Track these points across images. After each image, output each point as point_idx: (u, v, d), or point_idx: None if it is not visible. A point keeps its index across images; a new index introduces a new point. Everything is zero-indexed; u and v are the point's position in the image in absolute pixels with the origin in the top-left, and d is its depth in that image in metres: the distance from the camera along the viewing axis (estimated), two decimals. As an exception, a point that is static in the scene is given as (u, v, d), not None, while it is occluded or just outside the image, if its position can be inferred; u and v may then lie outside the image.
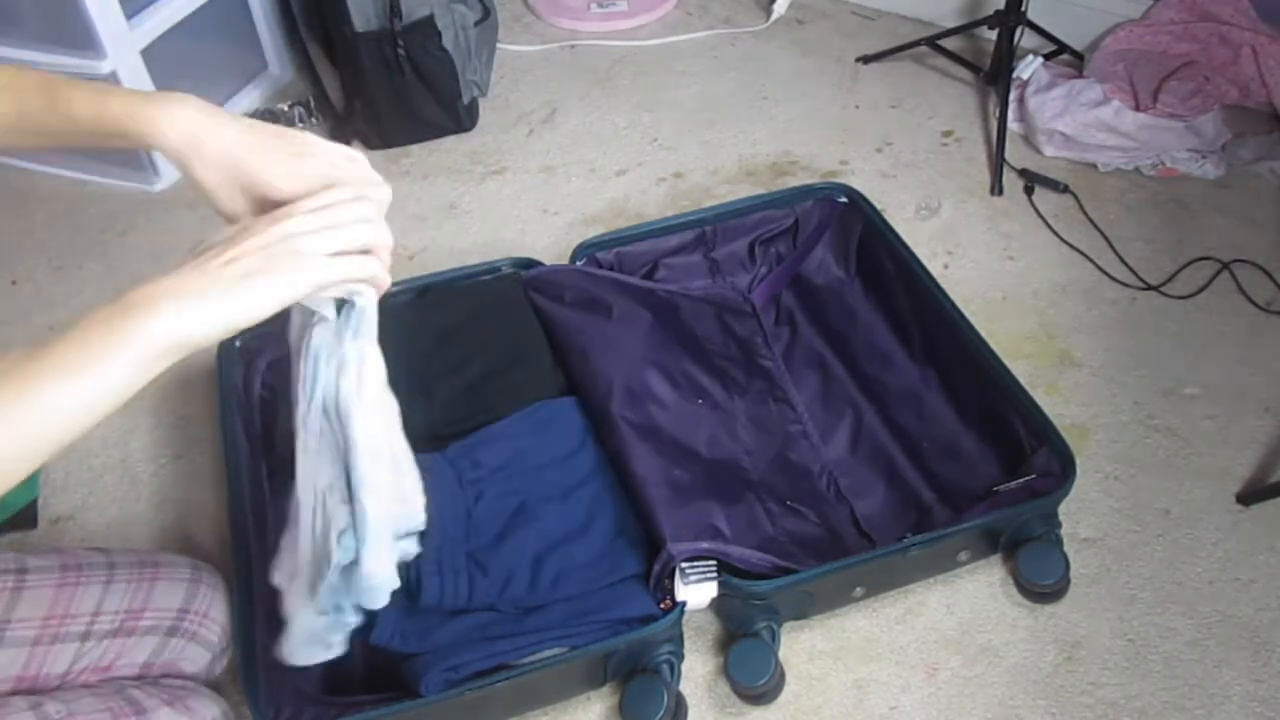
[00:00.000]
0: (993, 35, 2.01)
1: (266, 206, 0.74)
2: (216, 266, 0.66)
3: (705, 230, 1.60)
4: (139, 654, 1.02)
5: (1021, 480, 1.27)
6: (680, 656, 1.18)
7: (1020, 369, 1.48)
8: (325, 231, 0.70)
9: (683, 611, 1.15)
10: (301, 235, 0.69)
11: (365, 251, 0.74)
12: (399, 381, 1.34)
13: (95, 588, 1.00)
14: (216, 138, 0.73)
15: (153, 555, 1.08)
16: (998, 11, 1.94)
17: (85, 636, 0.98)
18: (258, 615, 1.11)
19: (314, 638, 0.83)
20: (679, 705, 1.16)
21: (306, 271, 0.68)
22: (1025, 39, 1.96)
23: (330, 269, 0.70)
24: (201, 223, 1.86)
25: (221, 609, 1.09)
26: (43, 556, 1.00)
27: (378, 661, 1.15)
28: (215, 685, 1.09)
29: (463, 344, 1.39)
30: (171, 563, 1.08)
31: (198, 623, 1.06)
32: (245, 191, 0.75)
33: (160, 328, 0.63)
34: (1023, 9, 1.92)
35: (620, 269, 1.56)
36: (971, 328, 1.40)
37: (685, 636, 1.21)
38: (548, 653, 1.09)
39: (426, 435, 1.31)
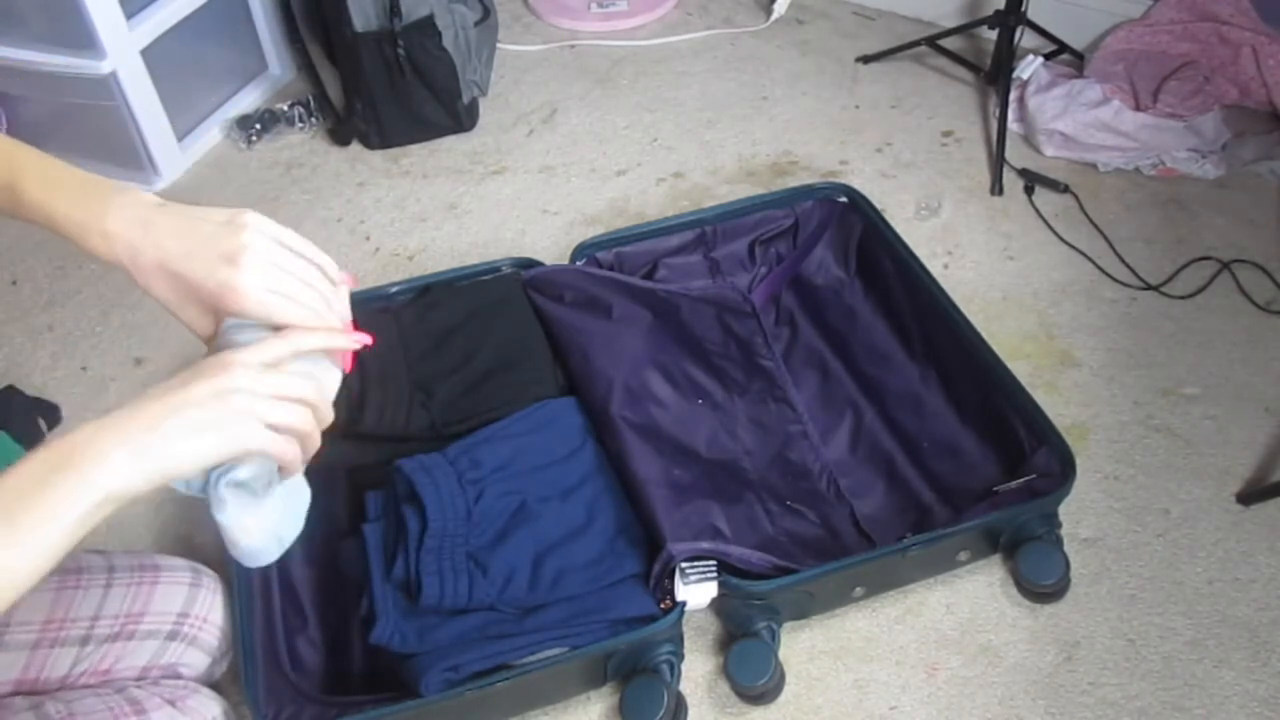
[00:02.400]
0: (993, 35, 2.01)
1: (221, 314, 0.73)
2: (166, 415, 0.64)
3: (705, 230, 1.60)
4: (138, 658, 1.01)
5: (1021, 480, 1.27)
6: (680, 656, 1.18)
7: (1020, 369, 1.48)
8: (273, 401, 0.67)
9: (682, 611, 1.15)
10: (249, 394, 0.66)
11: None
12: (400, 380, 1.35)
13: (95, 591, 1.00)
14: (150, 251, 0.71)
15: (152, 559, 1.07)
16: (998, 11, 1.94)
17: (85, 641, 0.98)
18: (258, 616, 1.11)
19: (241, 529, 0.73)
20: (679, 705, 1.16)
21: (244, 436, 0.66)
22: (1025, 39, 1.96)
23: (265, 441, 0.67)
24: (201, 223, 1.86)
25: (221, 613, 1.08)
26: None
27: (377, 661, 1.15)
28: (215, 686, 1.09)
29: (463, 344, 1.39)
30: (171, 566, 1.07)
31: (198, 627, 1.06)
32: (193, 299, 0.73)
33: (110, 482, 0.61)
34: (1023, 9, 1.92)
35: (620, 269, 1.56)
36: (971, 328, 1.40)
37: (685, 636, 1.21)
38: (547, 653, 1.09)
39: (427, 434, 1.31)
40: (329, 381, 0.76)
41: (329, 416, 0.73)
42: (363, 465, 1.29)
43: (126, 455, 0.62)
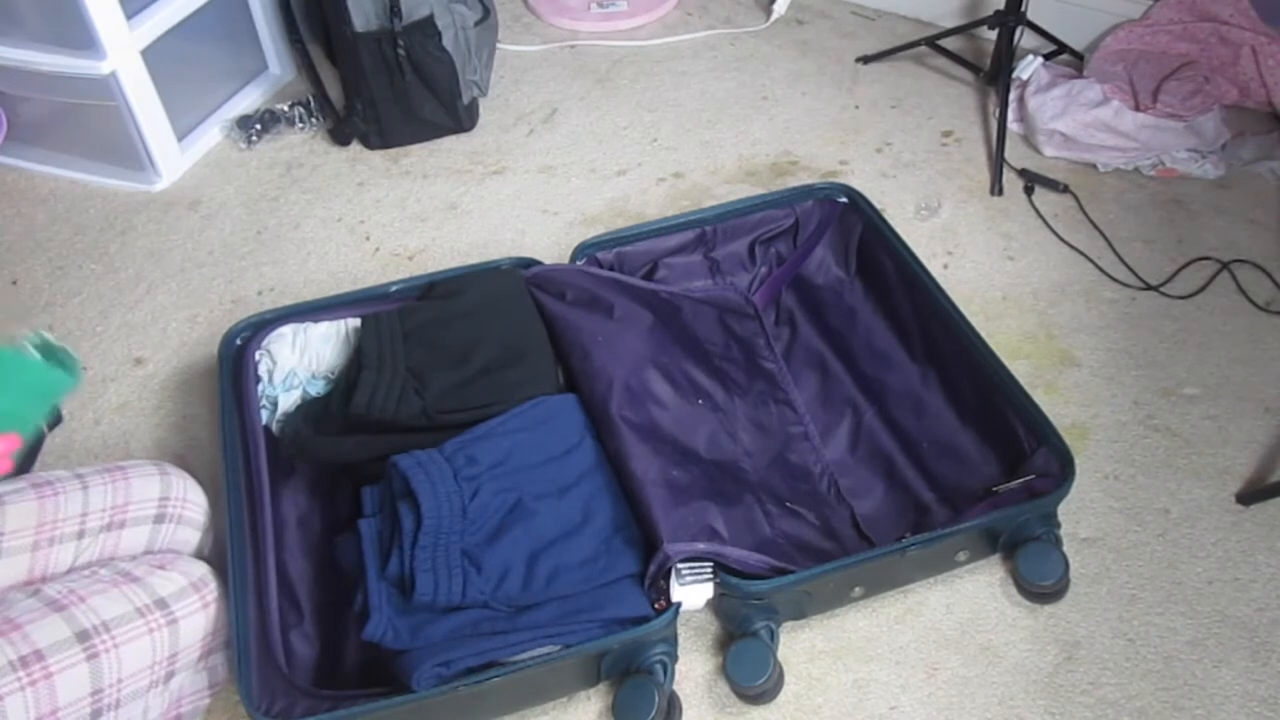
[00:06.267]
0: (993, 35, 2.01)
1: None
2: None
3: (705, 230, 1.59)
4: (134, 545, 1.07)
5: (1021, 480, 1.27)
6: (674, 657, 1.17)
7: (1020, 369, 1.49)
8: None
9: (677, 613, 1.14)
10: None
11: None
12: (395, 366, 1.34)
13: (75, 494, 1.05)
14: None
15: (113, 462, 1.13)
16: (998, 11, 1.94)
17: (80, 535, 1.04)
18: (252, 609, 1.11)
19: None
20: (671, 706, 1.16)
21: None
22: (1025, 39, 1.96)
23: None
24: (202, 222, 1.86)
25: (197, 491, 1.16)
26: (8, 482, 1.04)
27: (370, 657, 1.16)
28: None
29: (463, 336, 1.38)
30: (133, 463, 1.13)
31: (180, 505, 1.12)
32: None
33: None
34: (1023, 9, 1.92)
35: (620, 269, 1.56)
36: (971, 328, 1.40)
37: (684, 636, 1.21)
38: (539, 651, 1.09)
39: (417, 422, 1.29)
40: None
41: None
42: (361, 460, 1.29)
43: None
